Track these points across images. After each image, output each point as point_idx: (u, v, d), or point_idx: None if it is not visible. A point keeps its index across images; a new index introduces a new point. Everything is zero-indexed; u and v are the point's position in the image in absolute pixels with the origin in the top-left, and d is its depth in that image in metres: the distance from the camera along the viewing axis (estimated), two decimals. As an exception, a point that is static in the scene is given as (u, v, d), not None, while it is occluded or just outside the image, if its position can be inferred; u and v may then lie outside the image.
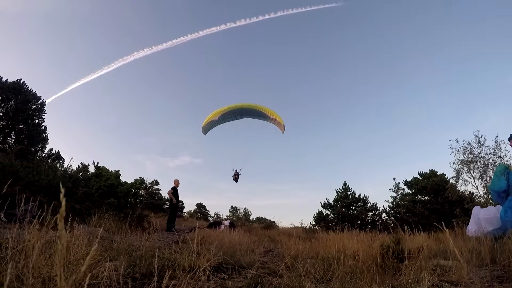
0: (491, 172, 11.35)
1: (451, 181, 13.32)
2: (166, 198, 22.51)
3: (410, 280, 2.36)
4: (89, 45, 60.38)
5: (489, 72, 44.57)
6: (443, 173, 15.82)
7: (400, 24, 54.68)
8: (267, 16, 36.22)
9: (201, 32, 36.52)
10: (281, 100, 60.76)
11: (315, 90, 63.39)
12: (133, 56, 34.45)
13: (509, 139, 5.61)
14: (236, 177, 12.50)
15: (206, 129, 12.56)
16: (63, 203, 0.75)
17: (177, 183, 9.93)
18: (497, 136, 11.39)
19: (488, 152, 11.45)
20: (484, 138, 11.64)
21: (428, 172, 16.32)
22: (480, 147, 11.65)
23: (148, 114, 66.02)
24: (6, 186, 2.17)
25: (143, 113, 65.60)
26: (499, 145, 11.25)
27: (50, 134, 17.13)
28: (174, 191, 9.59)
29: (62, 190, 0.77)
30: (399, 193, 17.18)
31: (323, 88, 61.83)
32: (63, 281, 0.74)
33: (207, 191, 50.74)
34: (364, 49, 59.89)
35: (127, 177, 29.12)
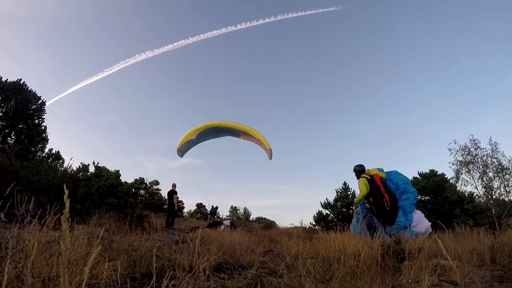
0: (490, 172, 11.45)
1: (451, 181, 13.35)
2: (166, 198, 22.55)
3: (410, 280, 2.36)
4: (91, 47, 60.53)
5: (488, 72, 44.61)
6: (443, 173, 15.84)
7: (399, 24, 54.69)
8: (267, 20, 36.40)
9: (202, 35, 36.77)
10: (281, 99, 60.76)
11: (314, 90, 63.40)
12: (134, 58, 34.60)
13: (353, 171, 6.14)
14: (211, 218, 11.84)
15: (183, 150, 11.30)
16: (67, 204, 0.76)
17: (175, 186, 10.68)
18: (490, 139, 11.54)
19: (485, 154, 11.58)
20: (479, 141, 11.78)
21: (428, 172, 16.34)
22: (476, 149, 11.78)
23: (149, 115, 66.12)
24: (9, 189, 2.17)
25: (144, 114, 65.73)
26: (495, 146, 11.41)
27: (51, 134, 17.16)
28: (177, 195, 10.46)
29: (66, 192, 0.78)
30: (399, 193, 17.15)
31: (323, 88, 61.83)
32: (67, 282, 0.74)
33: (207, 191, 50.74)
34: (363, 50, 59.92)
35: (127, 177, 29.13)
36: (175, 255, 2.72)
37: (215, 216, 14.60)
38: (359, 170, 5.99)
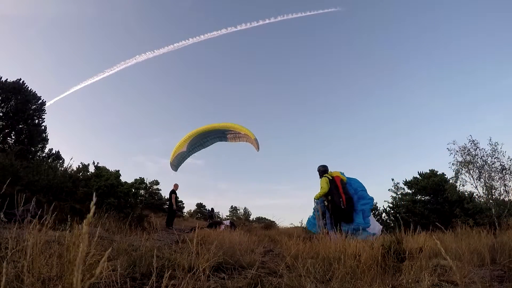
0: (489, 172, 11.44)
1: (450, 181, 13.34)
2: (166, 198, 22.68)
3: (410, 280, 2.35)
4: (92, 48, 60.72)
5: (488, 72, 44.67)
6: (443, 173, 15.82)
7: (399, 24, 54.75)
8: (267, 21, 36.52)
9: (202, 36, 36.82)
10: (281, 100, 60.86)
11: (314, 90, 63.51)
12: (135, 59, 34.70)
13: (317, 170, 6.75)
14: (210, 220, 12.12)
15: (176, 164, 10.96)
16: (92, 210, 0.80)
17: (176, 187, 10.75)
18: (490, 139, 11.54)
19: (485, 154, 11.58)
20: (478, 141, 11.79)
21: (428, 172, 16.32)
22: (475, 149, 11.79)
23: (149, 116, 66.25)
24: (5, 186, 2.17)
25: (144, 115, 65.82)
26: (495, 147, 11.41)
27: (51, 134, 17.15)
28: (175, 195, 10.60)
29: (94, 199, 0.82)
30: (398, 193, 17.17)
31: (323, 88, 61.93)
32: (79, 282, 0.76)
33: (207, 191, 50.78)
34: (363, 50, 59.99)
35: (127, 177, 29.14)
36: (175, 255, 2.72)
37: (214, 217, 14.81)
38: (322, 170, 6.63)
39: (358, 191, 6.22)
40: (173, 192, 10.55)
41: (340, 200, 5.93)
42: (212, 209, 19.35)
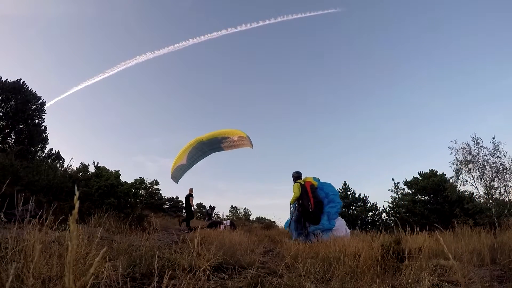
0: (490, 172, 11.42)
1: (451, 181, 13.32)
2: (166, 198, 22.75)
3: (410, 280, 2.35)
4: (93, 48, 60.73)
5: (488, 72, 44.66)
6: (443, 173, 15.84)
7: (399, 24, 54.74)
8: (267, 22, 36.55)
9: (202, 37, 36.88)
10: (280, 97, 60.85)
11: (314, 90, 63.54)
12: (135, 59, 34.73)
13: (292, 176, 7.17)
14: (207, 219, 12.45)
15: (177, 175, 10.96)
16: (77, 205, 0.79)
17: (192, 190, 11.33)
18: (494, 138, 11.50)
19: (486, 153, 11.54)
20: (481, 140, 11.72)
21: (428, 172, 16.32)
22: (478, 148, 11.72)
23: (149, 116, 66.25)
24: (5, 186, 2.17)
25: (144, 115, 65.86)
26: (497, 146, 11.35)
27: (51, 134, 17.16)
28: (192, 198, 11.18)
29: (77, 193, 0.81)
30: (398, 193, 17.17)
31: (323, 88, 61.95)
32: (72, 282, 0.75)
33: (207, 191, 50.81)
34: (363, 49, 60.01)
35: (127, 177, 29.15)
36: (175, 255, 2.72)
37: (213, 217, 14.79)
38: (296, 176, 7.15)
39: (330, 195, 6.70)
40: (190, 195, 10.97)
41: (309, 204, 6.45)
42: (211, 207, 19.24)
